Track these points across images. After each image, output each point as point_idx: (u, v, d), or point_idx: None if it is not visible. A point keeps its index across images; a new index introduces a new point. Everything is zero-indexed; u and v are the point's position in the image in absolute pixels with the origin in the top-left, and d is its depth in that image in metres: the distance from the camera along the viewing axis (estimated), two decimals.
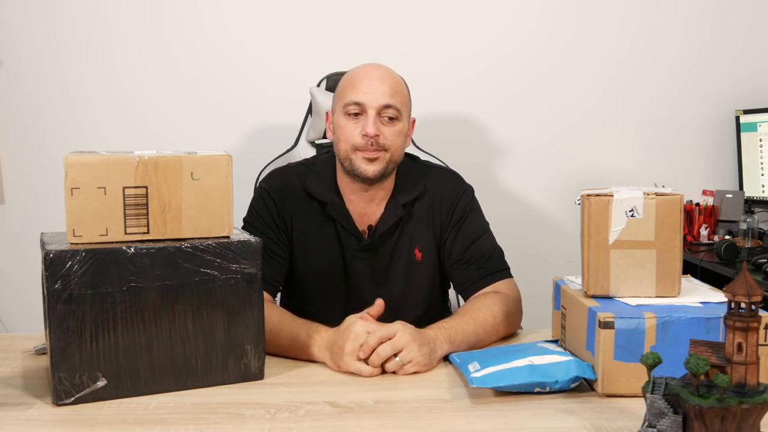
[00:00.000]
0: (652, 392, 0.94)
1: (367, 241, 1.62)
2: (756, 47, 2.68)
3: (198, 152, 1.25)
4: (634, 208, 1.24)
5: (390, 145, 1.55)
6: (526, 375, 1.18)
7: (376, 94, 1.53)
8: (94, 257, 1.13)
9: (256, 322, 1.25)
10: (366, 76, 1.56)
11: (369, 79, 1.55)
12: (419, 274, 1.66)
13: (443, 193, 1.67)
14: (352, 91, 1.55)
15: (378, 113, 1.54)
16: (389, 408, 1.15)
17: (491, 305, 1.50)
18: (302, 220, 1.62)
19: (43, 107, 2.55)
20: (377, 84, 1.54)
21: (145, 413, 1.12)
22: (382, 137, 1.53)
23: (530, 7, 2.62)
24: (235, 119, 2.58)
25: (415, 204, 1.65)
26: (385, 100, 1.53)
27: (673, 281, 1.25)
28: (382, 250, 1.63)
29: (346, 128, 1.55)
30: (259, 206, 1.63)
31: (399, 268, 1.64)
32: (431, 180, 1.68)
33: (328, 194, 1.62)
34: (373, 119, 1.53)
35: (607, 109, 2.67)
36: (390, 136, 1.55)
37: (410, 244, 1.64)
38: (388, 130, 1.55)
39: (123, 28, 2.55)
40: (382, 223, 1.62)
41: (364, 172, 1.54)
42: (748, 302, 0.91)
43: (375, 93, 1.53)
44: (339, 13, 2.58)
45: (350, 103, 1.54)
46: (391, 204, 1.63)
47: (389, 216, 1.62)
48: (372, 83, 1.54)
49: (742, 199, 2.58)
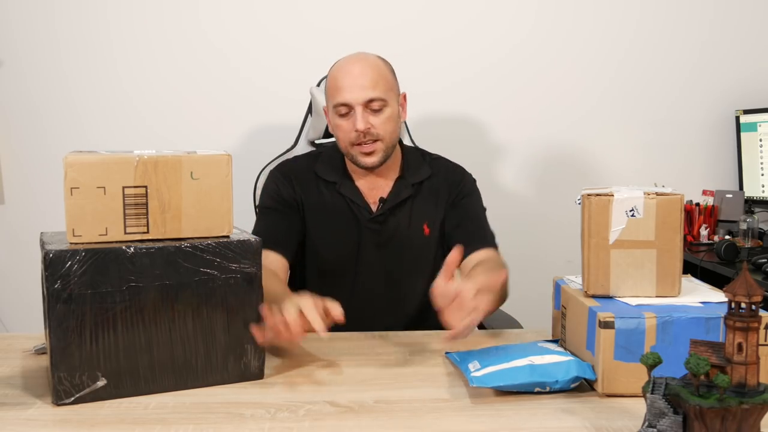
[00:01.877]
0: (652, 392, 0.94)
1: (379, 212, 1.69)
2: (756, 47, 2.68)
3: (198, 152, 1.25)
4: (634, 207, 1.24)
5: (382, 134, 1.63)
6: (526, 375, 1.18)
7: (358, 92, 1.59)
8: (94, 257, 1.13)
9: (256, 321, 1.25)
10: (346, 74, 1.62)
11: (349, 77, 1.61)
12: (426, 248, 1.72)
13: (448, 176, 1.76)
14: (336, 92, 1.61)
15: (364, 107, 1.60)
16: (389, 408, 1.15)
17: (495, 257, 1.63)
18: (313, 199, 1.71)
19: (43, 107, 2.55)
20: (358, 80, 1.60)
21: (145, 413, 1.12)
22: (373, 129, 1.61)
23: (530, 7, 2.62)
24: (235, 119, 2.59)
25: (423, 183, 1.73)
26: (368, 94, 1.60)
27: (673, 281, 1.25)
28: (391, 221, 1.70)
29: (340, 127, 1.64)
30: (271, 187, 1.73)
31: (407, 242, 1.71)
32: (438, 166, 1.78)
33: (338, 175, 1.71)
34: (360, 115, 1.60)
35: (607, 109, 2.67)
36: (380, 125, 1.62)
37: (419, 219, 1.71)
38: (378, 120, 1.62)
39: (123, 29, 2.55)
40: (392, 196, 1.70)
41: (365, 164, 1.64)
42: (748, 302, 0.91)
43: (357, 90, 1.60)
44: (338, 12, 2.58)
45: (337, 104, 1.62)
46: (400, 181, 1.71)
47: (399, 190, 1.70)
48: (353, 81, 1.60)
49: (742, 199, 2.58)
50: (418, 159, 1.77)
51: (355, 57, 1.66)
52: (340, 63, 1.67)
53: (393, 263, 1.71)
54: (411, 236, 1.71)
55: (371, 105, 1.60)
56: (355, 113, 1.60)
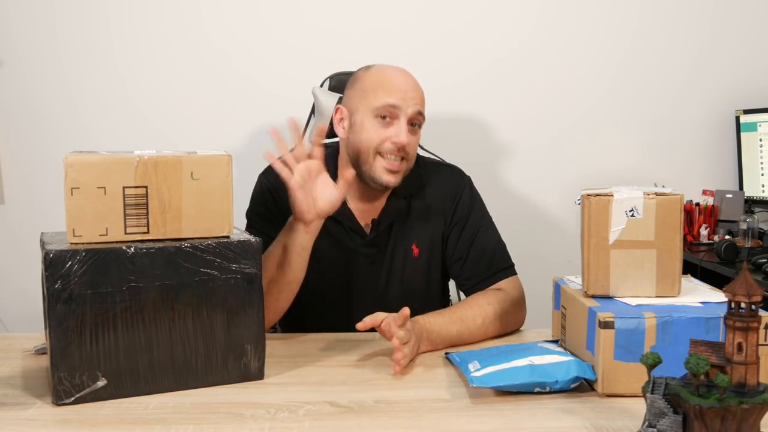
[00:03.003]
0: (652, 392, 0.94)
1: (372, 234, 1.62)
2: (756, 47, 2.68)
3: (198, 152, 1.25)
4: (634, 207, 1.24)
5: (411, 155, 1.56)
6: (526, 375, 1.18)
7: (410, 101, 1.52)
8: (94, 257, 1.13)
9: (256, 321, 1.25)
10: (401, 81, 1.54)
11: (405, 85, 1.54)
12: (415, 269, 1.66)
13: (444, 189, 1.67)
14: (386, 92, 1.52)
15: (409, 120, 1.53)
16: (389, 408, 1.15)
17: (485, 305, 1.51)
18: None
19: (43, 107, 2.55)
20: (411, 90, 1.54)
21: (145, 413, 1.12)
22: (408, 146, 1.53)
23: (531, 7, 2.62)
24: (236, 119, 2.58)
25: (414, 200, 1.65)
26: (419, 107, 1.54)
27: (673, 281, 1.25)
28: (384, 243, 1.64)
29: (374, 130, 1.52)
30: (258, 199, 1.65)
31: (397, 263, 1.65)
32: (430, 176, 1.69)
33: None
34: (405, 127, 1.52)
35: (607, 109, 2.67)
36: (413, 144, 1.56)
37: (408, 239, 1.65)
38: (413, 139, 1.55)
39: (123, 28, 2.55)
40: (385, 215, 1.63)
41: (386, 182, 1.55)
42: (748, 302, 0.91)
43: (410, 99, 1.52)
44: (341, 12, 2.58)
45: (385, 105, 1.51)
46: (392, 197, 1.63)
47: (392, 208, 1.63)
48: (407, 89, 1.53)
49: (742, 199, 2.58)
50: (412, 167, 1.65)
51: (401, 68, 1.58)
52: (384, 67, 1.57)
53: (385, 285, 1.64)
54: (399, 258, 1.64)
55: (416, 119, 1.53)
56: (400, 123, 1.51)
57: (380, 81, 1.54)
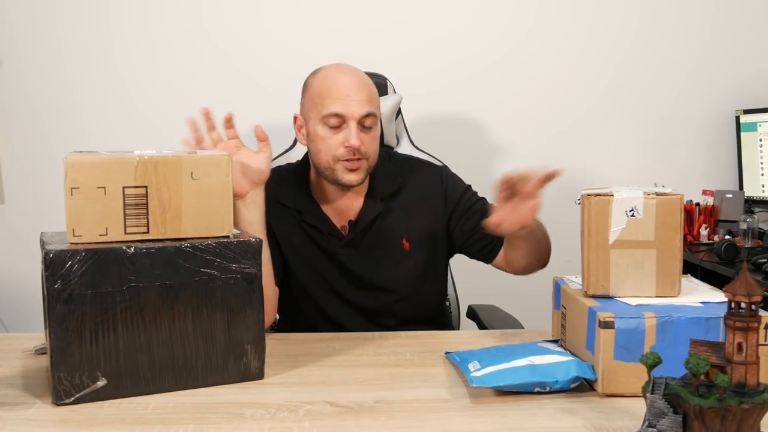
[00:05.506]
0: (652, 392, 0.94)
1: (349, 236, 1.63)
2: (756, 47, 2.68)
3: (198, 152, 1.25)
4: (634, 207, 1.24)
5: (369, 153, 1.57)
6: (526, 375, 1.18)
7: (355, 105, 1.52)
8: (94, 257, 1.13)
9: (256, 321, 1.25)
10: (342, 84, 1.54)
11: (346, 88, 1.53)
12: (408, 263, 1.66)
13: (426, 184, 1.69)
14: (330, 101, 1.53)
15: (358, 123, 1.54)
16: (389, 408, 1.15)
17: None
18: (280, 228, 1.63)
19: (43, 107, 2.55)
20: (356, 93, 1.53)
21: (145, 413, 1.12)
22: (362, 146, 1.54)
23: (529, 7, 2.62)
24: (236, 119, 2.58)
25: (395, 198, 1.66)
26: (365, 109, 1.53)
27: (673, 281, 1.25)
28: (365, 242, 1.64)
29: (327, 140, 1.55)
30: None
31: (386, 260, 1.65)
32: (407, 174, 1.70)
33: (302, 202, 1.64)
34: (355, 131, 1.52)
35: (607, 109, 2.67)
36: (369, 143, 1.56)
37: (396, 236, 1.65)
38: (368, 138, 1.56)
39: (123, 28, 2.55)
40: (362, 216, 1.63)
41: (347, 182, 1.56)
42: (748, 302, 0.91)
43: (354, 104, 1.52)
44: (339, 11, 2.58)
45: (330, 114, 1.53)
46: (369, 198, 1.64)
47: (369, 209, 1.63)
48: (350, 92, 1.53)
49: (742, 199, 2.58)
50: (385, 167, 1.68)
51: (345, 67, 1.59)
52: (329, 72, 1.58)
53: (374, 282, 1.65)
54: (389, 254, 1.64)
55: (365, 121, 1.54)
56: (349, 128, 1.52)
57: (325, 88, 1.55)
